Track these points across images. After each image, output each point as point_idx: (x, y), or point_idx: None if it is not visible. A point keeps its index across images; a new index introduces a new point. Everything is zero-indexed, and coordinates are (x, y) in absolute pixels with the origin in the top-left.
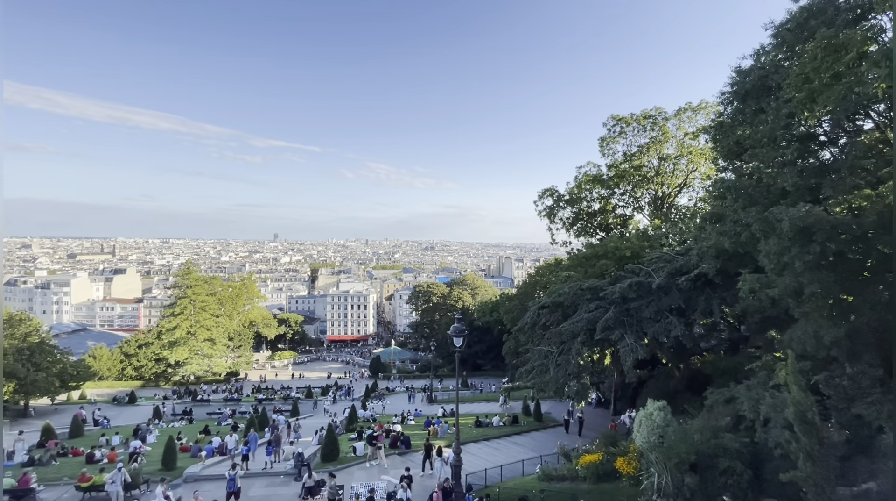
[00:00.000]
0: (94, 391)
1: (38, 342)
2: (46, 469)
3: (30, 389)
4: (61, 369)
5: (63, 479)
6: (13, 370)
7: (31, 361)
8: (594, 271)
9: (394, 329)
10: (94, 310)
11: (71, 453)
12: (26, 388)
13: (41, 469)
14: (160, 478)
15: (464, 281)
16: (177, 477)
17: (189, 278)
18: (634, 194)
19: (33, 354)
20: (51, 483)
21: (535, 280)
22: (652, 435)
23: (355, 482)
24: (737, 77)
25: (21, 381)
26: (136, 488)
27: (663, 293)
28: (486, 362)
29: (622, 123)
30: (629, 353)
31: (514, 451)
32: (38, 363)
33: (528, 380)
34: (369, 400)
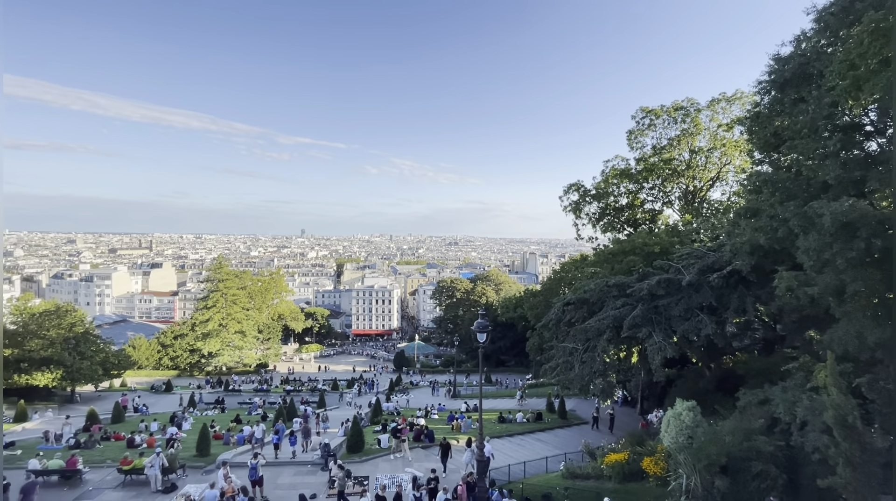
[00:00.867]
0: (134, 380)
1: (82, 333)
2: (91, 452)
3: (76, 376)
4: (104, 358)
5: (106, 462)
6: (60, 358)
7: (76, 350)
8: (621, 268)
9: (417, 324)
10: (133, 302)
11: (113, 437)
12: (72, 375)
13: (86, 451)
14: (222, 462)
15: (487, 277)
16: (210, 463)
17: (221, 273)
18: (664, 189)
19: (79, 343)
20: (95, 465)
21: (560, 276)
22: (680, 436)
23: (380, 473)
24: (775, 65)
25: (68, 368)
26: (172, 472)
27: (694, 291)
28: (510, 358)
29: (651, 115)
30: (657, 351)
31: (538, 448)
32: (83, 352)
33: (552, 377)
34: (393, 394)
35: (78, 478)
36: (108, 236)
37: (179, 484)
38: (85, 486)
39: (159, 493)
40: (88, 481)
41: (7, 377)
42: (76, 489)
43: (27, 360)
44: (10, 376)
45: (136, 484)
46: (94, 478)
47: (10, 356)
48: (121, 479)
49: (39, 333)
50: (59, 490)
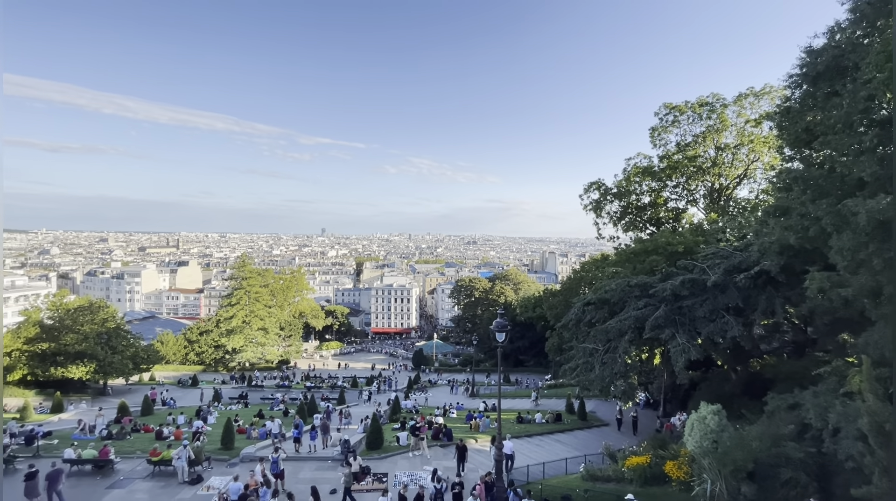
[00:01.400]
0: (162, 374)
1: (114, 328)
2: (122, 443)
3: (108, 369)
4: (134, 352)
5: (136, 452)
6: (94, 352)
7: (108, 344)
8: (643, 268)
9: (436, 323)
10: (162, 299)
11: (143, 429)
12: (105, 369)
13: (118, 442)
14: (259, 458)
15: (506, 276)
16: (234, 457)
17: (244, 271)
18: (688, 187)
19: (110, 338)
20: (126, 456)
21: (580, 276)
22: (705, 440)
23: (399, 470)
24: (807, 58)
25: (100, 362)
26: (198, 464)
27: (719, 291)
28: (529, 358)
29: (675, 111)
30: (681, 353)
31: (557, 449)
32: (115, 347)
33: (571, 378)
34: (412, 392)
35: (110, 468)
36: (138, 234)
37: (205, 476)
38: (116, 476)
39: (186, 484)
40: (120, 471)
41: (44, 370)
42: (108, 478)
43: (63, 353)
44: (46, 368)
45: (164, 475)
46: (124, 468)
47: (47, 349)
48: (150, 469)
49: (74, 328)
50: (93, 479)
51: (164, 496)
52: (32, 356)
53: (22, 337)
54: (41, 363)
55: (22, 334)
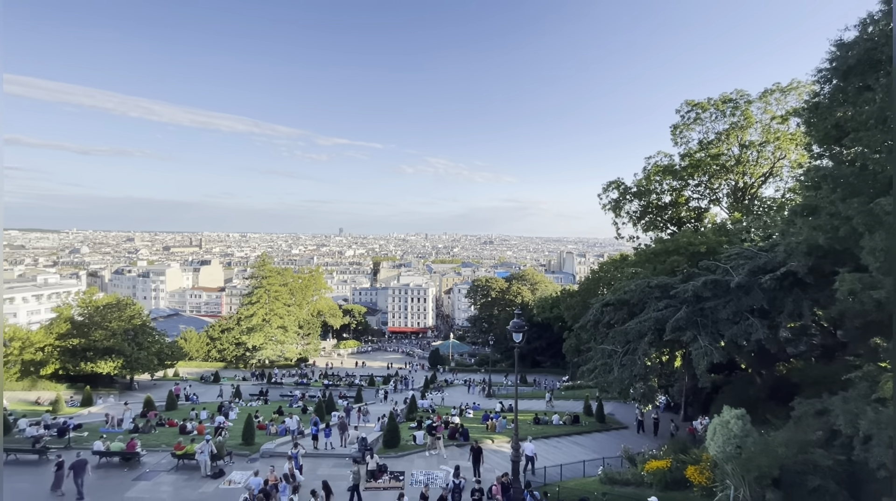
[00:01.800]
0: (185, 370)
1: (140, 325)
2: (148, 437)
3: (134, 365)
4: (159, 349)
5: (161, 446)
6: (121, 347)
7: (135, 341)
8: (663, 268)
9: (452, 323)
10: (185, 297)
11: (167, 423)
12: (131, 364)
13: (144, 435)
14: (288, 456)
15: (523, 276)
16: (255, 452)
17: (264, 270)
18: (711, 185)
19: (137, 334)
20: (151, 449)
21: (599, 277)
22: (728, 445)
23: (415, 469)
24: (837, 52)
25: (127, 358)
26: (220, 459)
27: (743, 293)
28: (546, 359)
29: (697, 108)
30: (703, 356)
31: (575, 451)
32: (141, 343)
33: (590, 379)
34: (428, 391)
35: (136, 460)
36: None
37: (226, 471)
38: (142, 468)
39: (208, 478)
40: (145, 463)
41: (75, 365)
42: (135, 470)
43: (92, 349)
44: (77, 363)
45: (187, 469)
46: (150, 461)
47: (77, 345)
48: (174, 463)
49: (103, 324)
50: (121, 471)
51: (187, 489)
52: (64, 351)
53: (54, 333)
54: (72, 357)
55: (54, 330)
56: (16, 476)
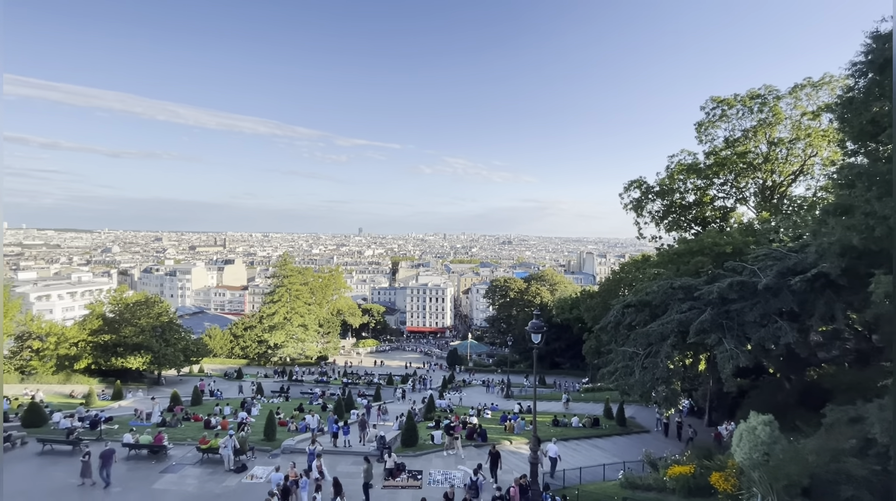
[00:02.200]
0: (210, 366)
1: (167, 322)
2: (174, 430)
3: (161, 361)
4: (185, 345)
5: (187, 440)
6: (149, 344)
7: (162, 337)
8: (687, 269)
9: (470, 323)
10: (210, 295)
11: (193, 418)
12: (159, 360)
13: (170, 429)
14: (318, 454)
15: (542, 276)
16: (276, 448)
17: (285, 269)
18: (737, 184)
19: (164, 331)
20: (178, 442)
21: (620, 277)
22: (755, 452)
23: (433, 469)
24: (873, 44)
25: (155, 354)
26: (243, 454)
27: (771, 295)
28: (565, 360)
29: (723, 105)
30: (728, 359)
31: (595, 454)
32: (168, 340)
33: (610, 382)
34: (446, 391)
35: (163, 453)
36: (189, 234)
37: (249, 465)
38: (169, 461)
39: (231, 472)
40: (172, 456)
41: (106, 360)
42: (162, 462)
43: (122, 345)
44: (108, 358)
45: (211, 462)
46: (176, 454)
47: (108, 340)
48: (199, 456)
49: (132, 321)
50: (148, 463)
51: (211, 482)
52: (96, 346)
53: (87, 329)
54: (104, 353)
55: (87, 326)
56: (51, 465)
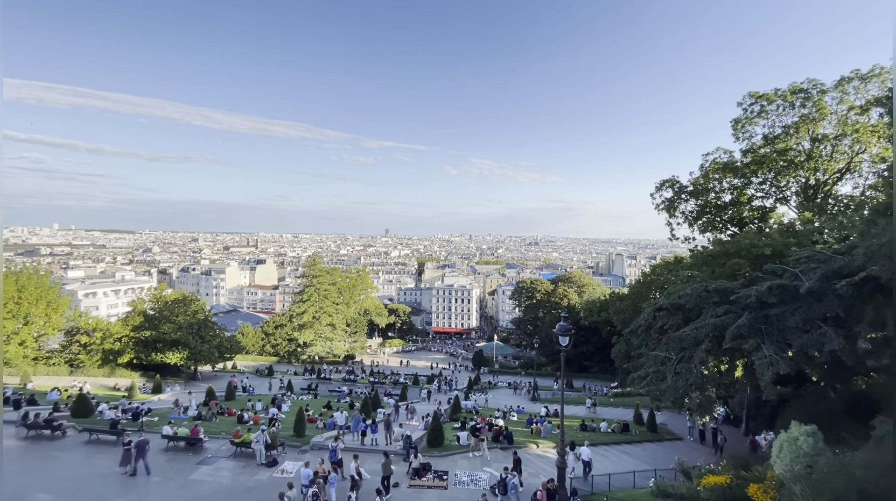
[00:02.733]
0: (242, 363)
1: (203, 319)
2: (209, 424)
3: (198, 357)
4: (219, 342)
5: (221, 433)
6: (186, 340)
7: (198, 334)
8: (723, 272)
9: (496, 324)
10: (242, 294)
11: (227, 413)
12: (195, 356)
13: (206, 423)
14: (353, 455)
15: (569, 278)
16: (305, 444)
17: (314, 269)
18: (777, 183)
19: (200, 328)
20: (213, 435)
21: (651, 280)
22: (797, 464)
23: (459, 470)
24: None
25: (192, 350)
26: (274, 449)
27: (815, 299)
28: (593, 364)
29: (762, 100)
30: (767, 366)
31: (624, 461)
32: (204, 336)
33: (640, 387)
34: (472, 392)
35: (200, 445)
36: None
37: (279, 460)
38: (205, 453)
39: (263, 466)
40: (208, 449)
41: (146, 355)
42: (198, 454)
43: (162, 341)
44: (149, 353)
45: (244, 456)
46: (211, 447)
47: (149, 336)
48: (232, 450)
49: (171, 318)
50: (186, 454)
51: (244, 475)
52: (138, 341)
53: (130, 325)
54: (144, 348)
55: (129, 322)
56: (97, 454)
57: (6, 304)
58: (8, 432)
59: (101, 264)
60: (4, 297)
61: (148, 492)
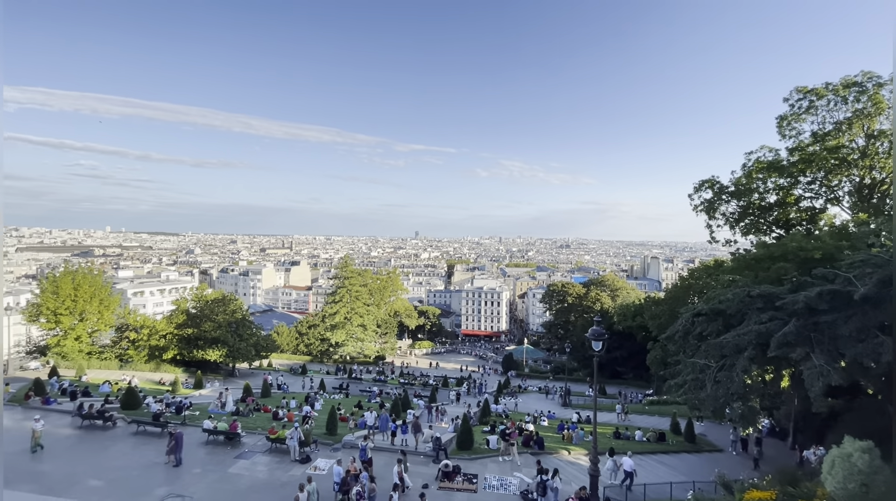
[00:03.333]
0: (277, 361)
1: (241, 318)
2: (246, 420)
3: (236, 354)
4: (256, 341)
5: (258, 429)
6: (225, 338)
7: (237, 333)
8: (767, 276)
9: (526, 328)
10: (277, 295)
11: (262, 409)
12: (234, 353)
13: (243, 418)
14: (397, 459)
15: (602, 282)
16: (337, 442)
17: (346, 271)
18: (827, 183)
19: (238, 327)
20: (250, 431)
21: (689, 284)
22: (850, 482)
23: (488, 473)
24: None
25: (230, 348)
26: (307, 446)
27: (871, 306)
28: (627, 370)
29: (811, 95)
30: (817, 377)
31: (660, 471)
32: (241, 335)
33: (678, 395)
34: (501, 396)
35: (237, 440)
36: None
37: (313, 457)
38: (242, 448)
39: (296, 463)
40: (245, 443)
41: (189, 352)
42: (236, 449)
43: (203, 338)
44: (191, 350)
45: (279, 452)
46: (248, 442)
47: (191, 334)
48: (268, 445)
49: (211, 317)
50: (224, 448)
51: (279, 470)
52: (181, 339)
53: (173, 323)
54: (187, 345)
55: (173, 320)
56: (143, 444)
57: (64, 302)
58: (64, 421)
59: (148, 264)
60: (62, 295)
61: (190, 483)
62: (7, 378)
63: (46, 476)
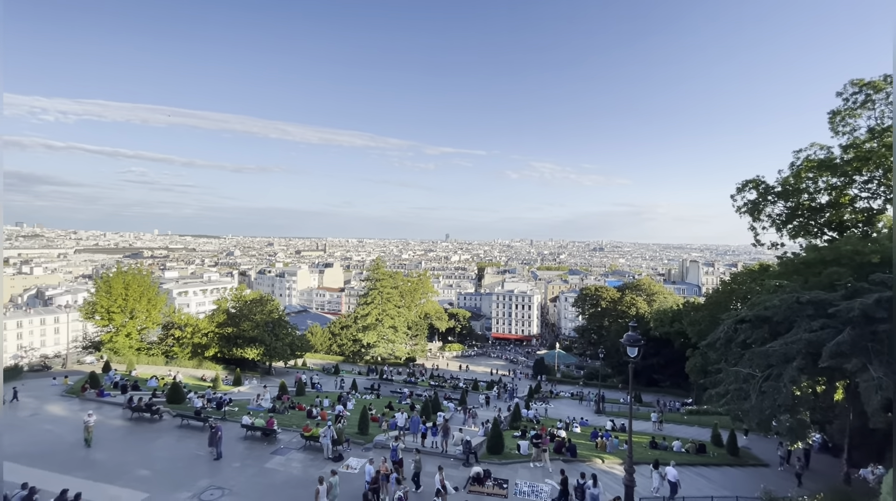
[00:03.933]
0: (311, 361)
1: (277, 319)
2: (282, 417)
3: (272, 353)
4: (291, 340)
5: (293, 426)
6: (262, 337)
7: (273, 332)
8: (818, 281)
9: (558, 332)
10: (312, 296)
11: (297, 407)
12: (270, 352)
13: (279, 415)
14: (438, 466)
15: (638, 286)
16: (368, 442)
17: (378, 273)
18: (886, 182)
19: (275, 327)
20: (285, 428)
21: (731, 289)
22: None
23: (519, 479)
24: None
25: (267, 347)
26: (340, 444)
27: None
28: (664, 377)
29: (868, 89)
30: (875, 390)
31: (700, 484)
32: (278, 334)
33: (719, 405)
34: (532, 401)
35: (274, 436)
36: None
37: (345, 456)
38: (278, 444)
39: (329, 460)
40: (280, 440)
41: (228, 350)
42: (272, 445)
43: (241, 337)
44: (230, 348)
45: (312, 449)
46: (284, 438)
47: (230, 333)
48: (302, 442)
49: (249, 316)
50: (261, 444)
51: (312, 468)
52: (221, 337)
53: (215, 322)
54: (227, 343)
55: (215, 319)
56: (187, 437)
57: (116, 300)
58: (116, 413)
59: (192, 265)
60: (115, 294)
61: (230, 476)
62: (66, 371)
63: (100, 464)
